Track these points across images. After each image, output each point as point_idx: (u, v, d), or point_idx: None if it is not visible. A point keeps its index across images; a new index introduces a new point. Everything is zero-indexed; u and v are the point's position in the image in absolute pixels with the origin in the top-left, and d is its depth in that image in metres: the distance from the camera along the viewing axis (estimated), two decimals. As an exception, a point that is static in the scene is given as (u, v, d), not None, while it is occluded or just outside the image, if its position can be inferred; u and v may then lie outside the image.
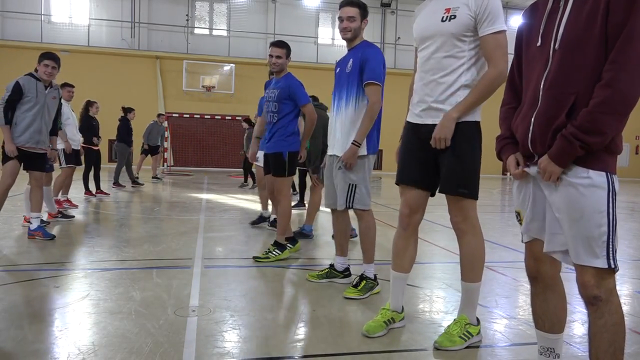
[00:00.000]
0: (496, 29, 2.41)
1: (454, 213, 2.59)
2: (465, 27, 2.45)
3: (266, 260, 4.36)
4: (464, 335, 2.57)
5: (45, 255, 4.34)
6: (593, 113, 1.60)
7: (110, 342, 2.52)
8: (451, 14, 2.47)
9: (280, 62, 4.57)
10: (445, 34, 2.49)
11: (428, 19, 2.58)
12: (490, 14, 2.41)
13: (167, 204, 8.70)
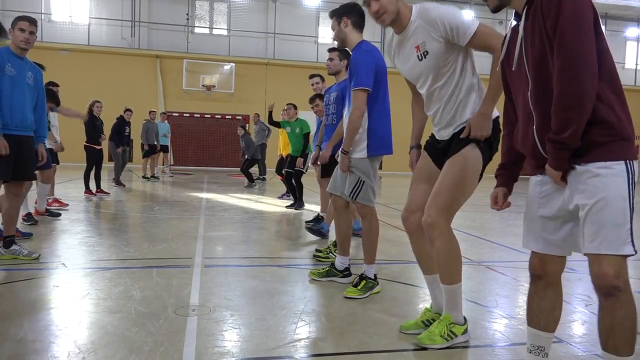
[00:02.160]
0: (471, 32, 2.38)
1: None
2: (442, 53, 2.45)
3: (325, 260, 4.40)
4: (446, 335, 2.55)
5: (44, 255, 4.33)
6: (555, 114, 1.72)
7: (110, 341, 2.52)
8: (423, 50, 2.48)
9: (333, 64, 4.44)
10: (429, 70, 2.51)
11: (407, 62, 2.60)
12: (457, 25, 2.38)
13: (167, 204, 8.70)
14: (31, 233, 5.09)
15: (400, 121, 21.77)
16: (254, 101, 18.99)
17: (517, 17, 1.91)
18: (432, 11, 2.43)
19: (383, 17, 2.52)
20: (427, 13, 2.44)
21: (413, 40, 2.51)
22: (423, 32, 2.45)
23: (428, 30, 2.43)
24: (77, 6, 18.30)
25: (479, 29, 2.38)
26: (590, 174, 1.74)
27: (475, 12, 21.16)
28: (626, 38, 23.07)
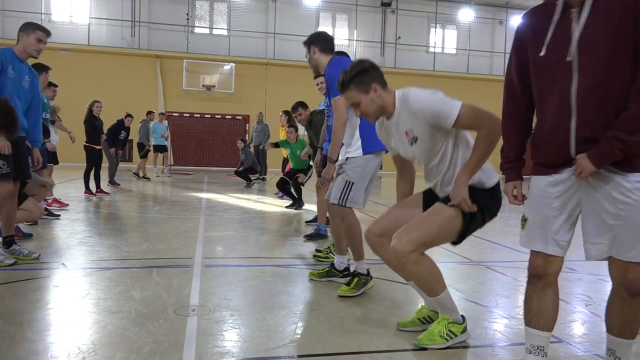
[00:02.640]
0: (455, 116, 2.36)
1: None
2: (431, 137, 2.47)
3: (325, 260, 4.39)
4: (446, 335, 2.56)
5: (44, 255, 4.33)
6: (635, 116, 1.69)
7: (110, 341, 2.52)
8: (412, 136, 2.51)
9: (323, 86, 4.48)
10: (422, 152, 2.55)
11: (400, 145, 2.64)
12: (437, 112, 2.38)
13: (167, 204, 8.70)
14: (31, 234, 5.09)
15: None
16: (254, 101, 18.99)
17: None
18: (412, 102, 2.43)
19: (367, 118, 2.58)
20: (408, 103, 2.45)
21: (402, 126, 2.54)
22: (409, 119, 2.48)
23: (412, 118, 2.45)
24: (77, 6, 18.29)
25: (462, 112, 2.36)
26: (632, 185, 1.77)
27: (476, 12, 21.16)
28: (626, 38, 23.08)
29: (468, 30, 21.22)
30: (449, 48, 21.43)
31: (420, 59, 20.81)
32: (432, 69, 20.78)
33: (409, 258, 2.46)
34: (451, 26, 21.37)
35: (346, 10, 20.36)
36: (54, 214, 6.34)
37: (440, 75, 20.67)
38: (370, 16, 20.46)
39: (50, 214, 6.25)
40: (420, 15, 20.70)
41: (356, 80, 2.49)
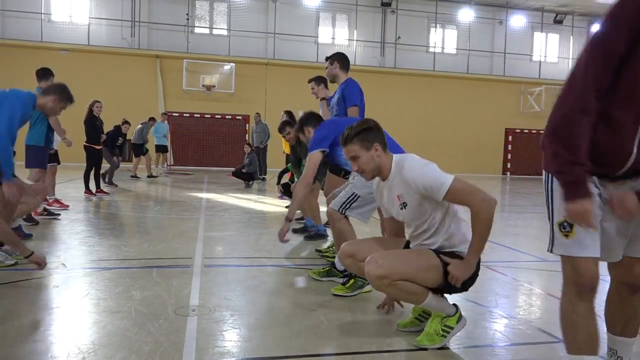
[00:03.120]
0: (445, 190, 2.42)
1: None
2: (420, 206, 2.54)
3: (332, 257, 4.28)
4: (442, 332, 2.57)
5: (44, 255, 4.33)
6: None
7: (110, 341, 2.52)
8: (402, 201, 2.59)
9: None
10: (410, 218, 2.63)
11: (391, 206, 2.71)
12: (429, 185, 2.45)
13: (167, 203, 8.70)
14: (31, 234, 5.08)
15: (399, 120, 21.62)
16: (254, 101, 18.98)
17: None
18: (406, 171, 2.53)
19: (363, 175, 2.66)
20: (402, 171, 2.55)
21: (394, 190, 2.62)
22: (401, 185, 2.57)
23: (404, 187, 2.55)
24: (77, 6, 18.28)
25: (452, 187, 2.42)
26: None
27: (476, 12, 21.15)
28: (626, 38, 23.05)
29: (468, 30, 21.22)
30: (449, 48, 21.42)
31: (420, 59, 20.81)
32: (432, 69, 20.78)
33: (382, 282, 2.51)
34: (451, 26, 21.37)
35: (346, 10, 20.36)
36: (54, 213, 6.34)
37: (440, 75, 20.67)
38: (370, 16, 20.46)
39: (50, 214, 6.26)
40: (420, 15, 20.70)
41: (360, 136, 2.58)
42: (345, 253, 2.86)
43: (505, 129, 21.61)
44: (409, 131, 20.38)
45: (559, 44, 22.46)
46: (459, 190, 2.42)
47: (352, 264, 2.84)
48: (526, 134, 21.81)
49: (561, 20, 21.93)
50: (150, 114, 18.04)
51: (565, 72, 21.02)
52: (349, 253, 2.84)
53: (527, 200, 11.42)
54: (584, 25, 22.54)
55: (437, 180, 2.44)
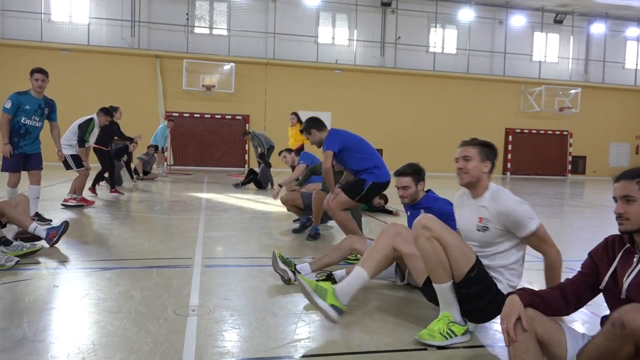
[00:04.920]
0: (529, 231, 2.58)
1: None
2: (498, 236, 2.66)
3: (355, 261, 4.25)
4: (446, 333, 2.57)
5: (44, 255, 4.33)
6: None
7: (110, 341, 2.52)
8: (483, 224, 2.68)
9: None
10: (480, 240, 2.72)
11: (466, 222, 2.80)
12: (515, 222, 2.58)
13: (167, 203, 8.70)
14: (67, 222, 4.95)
15: (399, 120, 21.60)
16: (254, 101, 18.99)
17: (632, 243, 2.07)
18: (501, 203, 2.62)
19: (462, 176, 2.73)
20: (498, 202, 2.64)
21: (479, 211, 2.70)
22: (490, 212, 2.65)
23: (492, 216, 2.64)
24: (77, 6, 18.28)
25: (537, 230, 2.58)
26: None
27: (476, 11, 21.15)
28: (626, 38, 23.06)
29: (468, 30, 21.22)
30: (449, 48, 21.43)
31: (420, 59, 20.81)
32: (432, 69, 20.79)
33: (424, 232, 2.60)
34: (451, 26, 21.37)
35: (346, 10, 20.36)
36: (45, 218, 6.02)
37: (440, 75, 20.67)
38: (370, 16, 20.45)
39: (40, 219, 5.92)
40: (420, 15, 20.70)
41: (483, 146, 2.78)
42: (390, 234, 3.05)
43: (505, 129, 21.61)
44: (409, 131, 20.40)
45: (559, 44, 22.47)
46: (541, 236, 2.60)
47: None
48: (526, 134, 21.82)
49: (561, 20, 21.93)
50: (150, 114, 18.10)
51: (565, 72, 21.00)
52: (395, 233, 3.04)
53: (527, 200, 11.38)
54: (584, 25, 22.54)
55: (526, 220, 2.58)
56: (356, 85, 19.65)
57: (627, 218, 2.07)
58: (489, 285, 2.64)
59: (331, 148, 4.74)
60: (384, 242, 3.00)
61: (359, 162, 4.79)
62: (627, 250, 2.09)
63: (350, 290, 2.83)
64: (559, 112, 21.57)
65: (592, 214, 9.41)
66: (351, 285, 2.84)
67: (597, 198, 12.93)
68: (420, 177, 3.85)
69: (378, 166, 4.80)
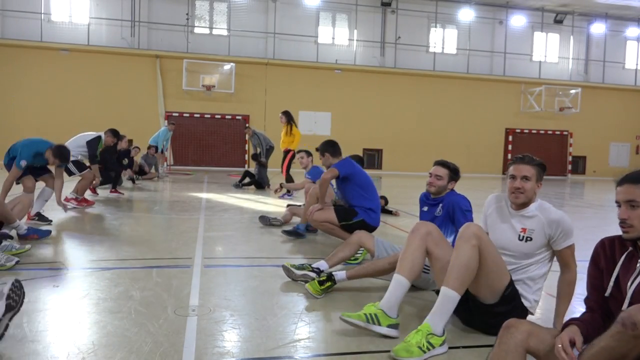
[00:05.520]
0: (568, 243, 2.67)
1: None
2: (538, 247, 2.71)
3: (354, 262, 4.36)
4: (424, 346, 2.46)
5: (44, 255, 4.33)
6: None
7: (110, 341, 2.52)
8: (527, 235, 2.71)
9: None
10: (520, 252, 2.74)
11: (504, 232, 2.80)
12: (563, 232, 2.65)
13: (167, 203, 8.70)
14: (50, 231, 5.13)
15: (399, 120, 21.57)
16: (254, 101, 18.98)
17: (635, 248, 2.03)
18: (553, 213, 2.69)
19: (519, 196, 2.72)
20: (549, 213, 2.70)
21: (523, 222, 2.74)
22: (538, 224, 2.69)
23: (543, 225, 2.68)
24: (77, 6, 18.28)
25: (573, 246, 2.69)
26: None
27: (476, 11, 21.15)
28: (626, 38, 23.05)
29: (468, 30, 21.22)
30: (449, 48, 21.43)
31: (420, 59, 20.81)
32: (432, 69, 20.79)
33: (470, 240, 2.55)
34: (451, 26, 21.37)
35: (346, 10, 20.36)
36: (45, 218, 5.94)
37: (440, 75, 20.67)
38: (370, 16, 20.45)
39: (41, 218, 5.88)
40: (420, 15, 20.70)
41: (540, 168, 2.75)
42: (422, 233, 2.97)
43: (506, 129, 21.61)
44: (409, 131, 20.39)
45: (559, 44, 22.47)
46: (573, 251, 2.70)
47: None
48: (526, 134, 21.82)
49: (561, 20, 21.93)
50: (150, 114, 18.11)
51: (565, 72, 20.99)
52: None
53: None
54: (584, 25, 22.54)
55: (571, 232, 2.67)
56: (356, 85, 19.65)
57: (631, 225, 1.98)
58: (518, 305, 2.70)
59: (339, 169, 4.89)
60: (417, 244, 2.90)
61: (358, 198, 4.93)
62: (629, 254, 2.03)
63: (396, 301, 2.76)
64: (559, 112, 21.57)
65: (592, 214, 9.42)
66: (395, 296, 2.78)
67: (597, 198, 12.93)
68: (456, 177, 3.88)
69: (374, 210, 4.94)
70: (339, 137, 19.07)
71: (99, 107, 17.78)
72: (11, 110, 17.15)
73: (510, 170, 2.77)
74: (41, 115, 17.18)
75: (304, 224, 5.63)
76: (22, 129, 16.98)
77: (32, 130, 17.03)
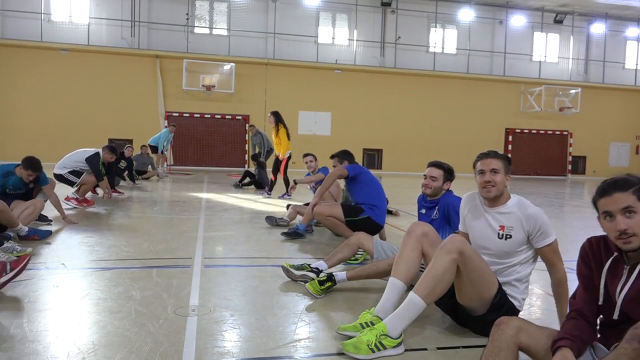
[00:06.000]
0: (549, 241, 2.65)
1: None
2: (519, 245, 2.69)
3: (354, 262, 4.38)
4: (374, 346, 2.42)
5: (44, 255, 4.33)
6: None
7: (110, 341, 2.52)
8: (506, 232, 2.70)
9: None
10: (500, 250, 2.73)
11: (483, 230, 2.79)
12: (541, 230, 2.63)
13: (167, 203, 8.70)
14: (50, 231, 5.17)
15: (398, 121, 21.58)
16: (254, 101, 18.98)
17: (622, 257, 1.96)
18: (530, 208, 2.68)
19: (490, 189, 2.71)
20: (526, 209, 2.68)
21: (500, 219, 2.72)
22: (516, 220, 2.68)
23: (521, 222, 2.67)
24: (77, 6, 18.28)
25: (554, 244, 2.67)
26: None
27: (476, 11, 21.15)
28: (626, 38, 23.05)
29: (468, 30, 21.22)
30: (449, 48, 21.43)
31: (420, 59, 20.81)
32: (432, 69, 20.79)
33: (451, 252, 2.51)
34: (451, 26, 21.37)
35: (346, 10, 20.36)
36: (46, 218, 5.96)
37: (440, 75, 20.67)
38: (370, 16, 20.45)
39: (40, 218, 5.83)
40: (420, 15, 20.70)
41: (506, 161, 2.77)
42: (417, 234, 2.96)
43: (506, 129, 21.61)
44: (409, 131, 20.39)
45: (559, 44, 22.47)
46: (555, 249, 2.67)
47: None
48: (526, 134, 21.82)
49: (561, 20, 21.93)
50: (150, 114, 18.11)
51: (565, 72, 20.99)
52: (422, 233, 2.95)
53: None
54: (584, 25, 22.55)
55: (550, 229, 2.66)
56: (356, 85, 19.65)
57: (634, 234, 1.84)
58: (509, 307, 2.67)
59: (348, 169, 5.07)
60: (413, 245, 2.89)
61: (365, 195, 5.02)
62: (614, 259, 1.96)
63: (392, 305, 2.71)
64: (559, 112, 21.57)
65: (592, 214, 9.37)
66: (390, 300, 2.75)
67: (597, 198, 12.92)
68: (450, 177, 3.89)
69: (380, 207, 5.01)
70: (339, 137, 19.22)
71: (99, 107, 17.79)
72: (11, 110, 17.15)
73: (477, 166, 2.79)
74: (41, 115, 17.17)
75: (304, 224, 5.62)
76: (22, 129, 17.00)
77: (32, 130, 17.07)
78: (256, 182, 11.53)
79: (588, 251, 2.08)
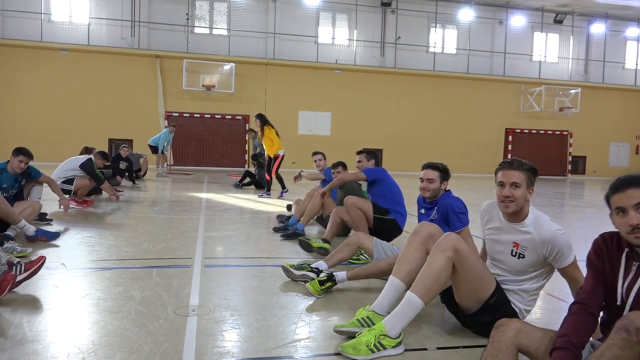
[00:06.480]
0: (568, 262, 2.52)
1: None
2: (533, 264, 2.58)
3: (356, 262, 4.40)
4: (373, 346, 2.41)
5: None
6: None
7: (110, 341, 2.52)
8: (519, 251, 2.59)
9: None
10: (512, 267, 2.65)
11: (497, 244, 2.71)
12: (560, 252, 2.50)
13: (167, 203, 8.70)
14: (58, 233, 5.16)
15: (398, 121, 21.55)
16: (254, 101, 18.98)
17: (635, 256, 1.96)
18: (547, 231, 2.52)
19: (509, 205, 2.55)
20: (542, 230, 2.53)
21: (517, 237, 2.61)
22: (530, 240, 2.55)
23: (535, 244, 2.54)
24: (77, 6, 18.27)
25: (574, 262, 2.53)
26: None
27: (476, 11, 21.15)
28: (626, 38, 23.05)
29: (468, 30, 21.22)
30: (449, 48, 21.43)
31: (420, 59, 20.81)
32: (432, 69, 20.78)
33: (446, 251, 2.50)
34: (451, 26, 21.37)
35: (346, 10, 20.35)
36: (46, 218, 6.04)
37: (440, 75, 20.67)
38: (370, 16, 20.45)
39: (41, 218, 5.92)
40: (420, 15, 20.70)
41: (531, 172, 2.59)
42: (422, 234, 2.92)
43: (505, 129, 21.61)
44: (408, 131, 20.39)
45: (559, 44, 22.46)
46: (576, 267, 2.54)
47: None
48: (526, 134, 21.81)
49: (561, 20, 21.93)
50: (150, 114, 18.11)
51: (565, 72, 20.96)
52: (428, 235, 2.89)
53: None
54: (584, 25, 22.54)
55: (569, 251, 2.51)
56: (356, 85, 19.65)
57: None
58: (508, 311, 2.61)
59: (367, 173, 5.11)
60: (417, 246, 2.87)
61: (389, 201, 5.02)
62: (626, 255, 2.00)
63: (388, 303, 2.72)
64: (559, 112, 21.56)
65: (592, 214, 9.41)
66: (387, 298, 2.75)
67: (597, 198, 12.92)
68: (446, 177, 3.86)
69: (402, 213, 5.05)
70: (339, 137, 19.23)
71: (99, 107, 17.79)
72: (11, 110, 17.14)
73: (498, 176, 2.58)
74: (41, 115, 17.17)
75: (304, 224, 5.63)
76: (22, 128, 16.99)
77: (33, 130, 17.05)
78: (256, 182, 11.54)
79: (602, 246, 2.07)
